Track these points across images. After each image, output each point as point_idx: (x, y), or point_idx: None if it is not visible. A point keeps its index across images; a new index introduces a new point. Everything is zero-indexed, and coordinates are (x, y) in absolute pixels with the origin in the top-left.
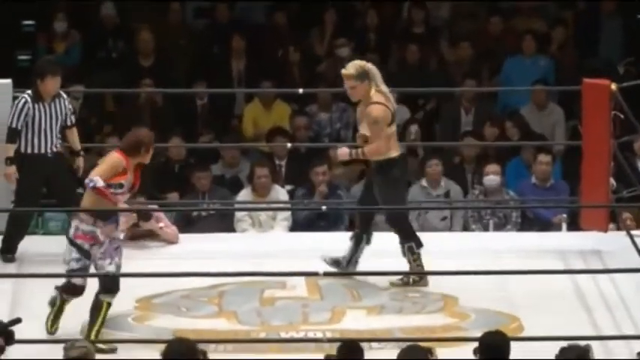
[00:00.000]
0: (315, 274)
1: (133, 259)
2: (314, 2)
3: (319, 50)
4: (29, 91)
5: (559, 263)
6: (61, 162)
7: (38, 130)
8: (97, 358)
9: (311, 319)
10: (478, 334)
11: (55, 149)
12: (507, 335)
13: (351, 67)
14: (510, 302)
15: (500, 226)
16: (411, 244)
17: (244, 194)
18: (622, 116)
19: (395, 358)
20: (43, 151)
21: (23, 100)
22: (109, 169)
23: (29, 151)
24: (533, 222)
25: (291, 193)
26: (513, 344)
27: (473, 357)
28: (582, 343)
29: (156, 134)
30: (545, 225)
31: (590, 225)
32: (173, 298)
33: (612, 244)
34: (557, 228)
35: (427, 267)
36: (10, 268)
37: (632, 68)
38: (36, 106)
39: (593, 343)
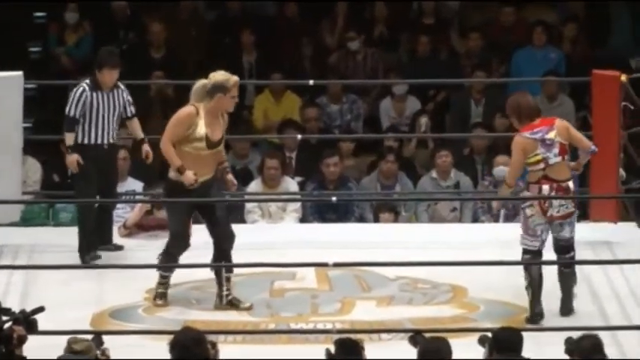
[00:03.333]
0: (325, 264)
1: (144, 249)
2: None
3: (330, 42)
4: (88, 80)
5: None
6: (114, 155)
7: (96, 120)
8: None
9: (320, 310)
10: (487, 325)
11: (111, 140)
12: (519, 330)
13: None
14: (520, 293)
15: (510, 217)
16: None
17: (254, 185)
18: (632, 107)
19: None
20: (99, 141)
21: (81, 88)
22: None
23: (86, 141)
24: None
25: (301, 185)
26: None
27: (480, 347)
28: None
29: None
30: None
31: (599, 216)
32: (183, 289)
33: (622, 234)
34: None
35: (437, 258)
36: (22, 259)
37: None
38: (94, 94)
39: (604, 334)
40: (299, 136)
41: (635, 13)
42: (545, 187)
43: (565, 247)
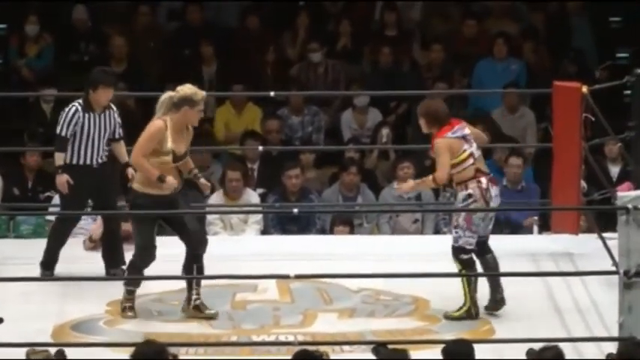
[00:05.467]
0: (287, 277)
1: None
2: (286, 3)
3: (291, 53)
4: (80, 100)
5: (530, 266)
6: (106, 173)
7: (86, 141)
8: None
9: (282, 322)
10: (448, 337)
11: (100, 160)
12: (470, 341)
13: None
14: (481, 305)
15: None
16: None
17: (216, 197)
18: (593, 119)
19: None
20: (89, 162)
21: (74, 108)
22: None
23: (74, 161)
24: (504, 225)
25: (262, 197)
26: (484, 347)
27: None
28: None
29: (127, 138)
30: (516, 228)
31: (561, 227)
32: (144, 301)
33: (583, 246)
34: (528, 230)
35: (399, 270)
36: None
37: (605, 72)
38: (86, 115)
39: (565, 345)
40: (260, 148)
41: (593, 17)
42: (484, 180)
43: (485, 243)
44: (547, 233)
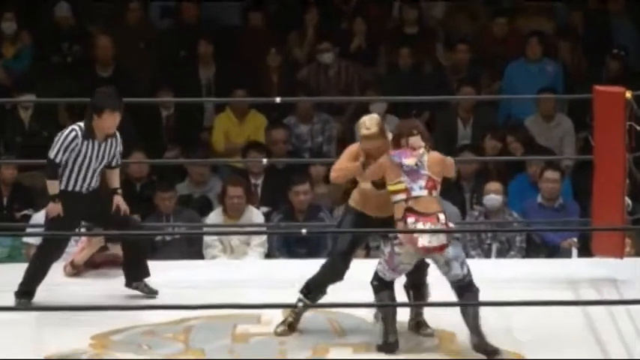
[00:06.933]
0: (294, 306)
1: (91, 288)
2: (293, 0)
3: (299, 54)
4: (80, 124)
5: (569, 293)
6: (96, 197)
7: (78, 169)
8: None
9: (289, 357)
10: None
11: (90, 188)
12: None
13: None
14: (513, 338)
15: (503, 252)
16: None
17: (214, 216)
18: (638, 127)
19: None
20: (77, 189)
21: (73, 133)
22: None
23: (62, 187)
24: (539, 247)
25: (267, 216)
26: None
27: None
28: None
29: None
30: (553, 250)
31: (603, 250)
32: (133, 334)
33: (628, 271)
34: (566, 254)
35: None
36: None
37: None
38: (85, 142)
39: None
40: (264, 161)
41: (635, 18)
42: (410, 220)
43: (462, 288)
44: (588, 257)
